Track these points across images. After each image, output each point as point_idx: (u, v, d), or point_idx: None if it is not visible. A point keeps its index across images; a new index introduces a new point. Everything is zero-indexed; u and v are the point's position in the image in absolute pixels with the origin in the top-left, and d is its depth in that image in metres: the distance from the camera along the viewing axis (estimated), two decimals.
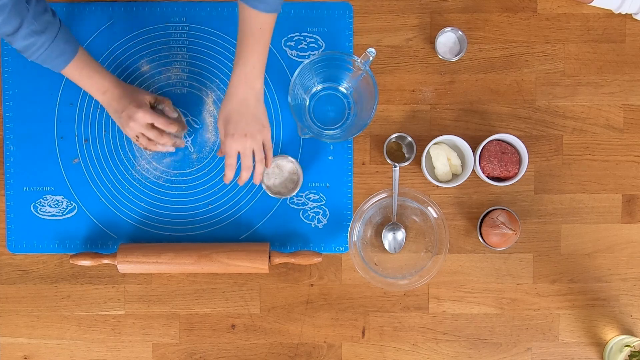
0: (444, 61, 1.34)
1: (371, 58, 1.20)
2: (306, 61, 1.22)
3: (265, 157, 1.22)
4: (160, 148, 1.27)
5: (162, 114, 1.27)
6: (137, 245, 1.30)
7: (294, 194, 1.33)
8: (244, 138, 1.17)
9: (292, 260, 1.29)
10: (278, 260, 1.29)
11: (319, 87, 1.33)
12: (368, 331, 1.35)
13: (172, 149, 1.29)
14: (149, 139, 1.25)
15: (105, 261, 1.29)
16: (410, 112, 1.34)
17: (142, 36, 1.35)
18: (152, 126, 1.24)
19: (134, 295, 1.35)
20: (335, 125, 1.34)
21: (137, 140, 1.25)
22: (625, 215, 1.35)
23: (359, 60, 1.21)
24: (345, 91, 1.33)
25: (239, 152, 1.19)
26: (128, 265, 1.28)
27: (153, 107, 1.27)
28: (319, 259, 1.29)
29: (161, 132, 1.25)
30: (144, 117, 1.22)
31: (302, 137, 1.33)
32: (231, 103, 1.16)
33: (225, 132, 1.18)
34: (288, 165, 1.32)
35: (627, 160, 1.35)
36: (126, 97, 1.23)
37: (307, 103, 1.33)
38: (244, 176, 1.21)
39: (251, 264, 1.27)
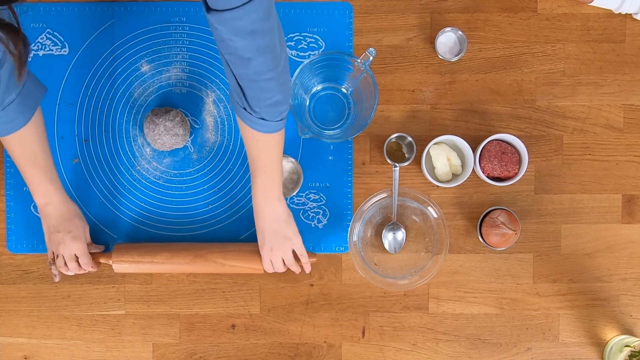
0: (444, 61, 1.34)
1: (371, 58, 1.20)
2: (306, 61, 1.22)
3: (302, 262, 1.26)
4: (66, 273, 1.27)
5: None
6: (133, 245, 1.30)
7: (294, 193, 1.33)
8: (271, 252, 1.23)
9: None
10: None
11: (319, 87, 1.33)
12: (368, 331, 1.35)
13: (71, 274, 1.28)
14: (63, 264, 1.26)
15: (101, 260, 1.29)
16: (410, 112, 1.34)
17: (142, 36, 1.35)
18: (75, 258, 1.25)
19: (134, 295, 1.35)
20: (335, 125, 1.34)
21: (51, 258, 1.26)
22: (625, 215, 1.35)
23: (359, 60, 1.21)
24: (345, 91, 1.33)
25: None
26: (123, 265, 1.28)
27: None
28: (314, 259, 1.29)
29: (79, 267, 1.26)
30: (77, 250, 1.24)
31: (302, 137, 1.33)
32: (258, 221, 1.21)
33: (260, 245, 1.24)
34: (288, 165, 1.32)
35: (627, 160, 1.35)
36: (68, 221, 1.23)
37: (307, 103, 1.33)
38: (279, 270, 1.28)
39: (246, 264, 1.27)
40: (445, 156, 1.31)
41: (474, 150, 1.31)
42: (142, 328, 1.35)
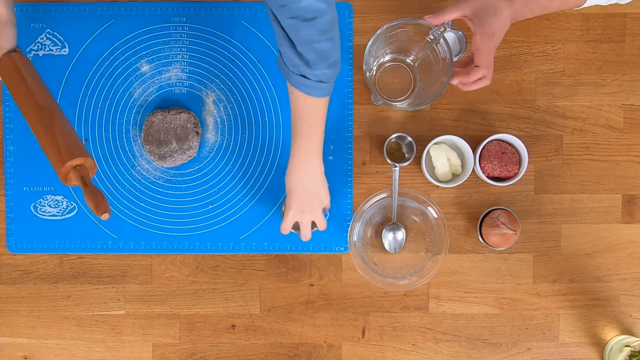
0: None
1: (448, 29, 1.18)
2: (383, 27, 1.19)
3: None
4: None
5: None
6: (28, 64, 1.13)
7: (324, 228, 1.32)
8: (302, 213, 1.22)
9: None
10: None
11: (387, 58, 1.32)
12: (368, 331, 1.35)
13: None
14: None
15: None
16: (410, 112, 1.34)
17: (142, 36, 1.35)
18: None
19: (134, 295, 1.35)
20: (399, 97, 1.33)
21: None
22: (625, 215, 1.35)
23: (435, 29, 1.18)
24: (412, 63, 1.32)
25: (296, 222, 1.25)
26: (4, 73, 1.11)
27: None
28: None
29: None
30: None
31: (375, 104, 1.32)
32: (290, 180, 1.21)
33: (287, 205, 1.23)
34: None
35: (627, 160, 1.35)
36: None
37: (373, 73, 1.32)
38: (304, 238, 1.27)
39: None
40: (445, 156, 1.31)
41: (474, 150, 1.31)
42: (142, 328, 1.35)
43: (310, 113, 1.12)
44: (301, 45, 1.03)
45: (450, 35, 1.32)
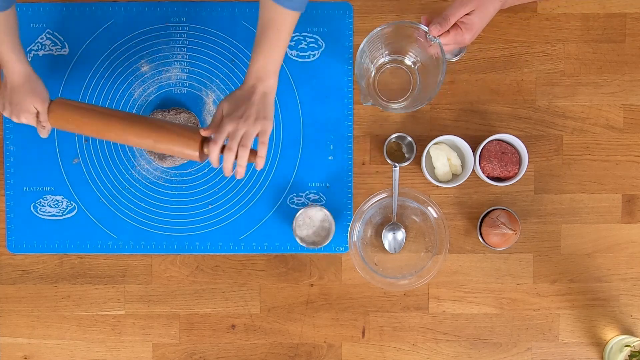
0: None
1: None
2: (378, 29, 1.19)
3: (258, 154, 1.11)
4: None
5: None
6: (71, 103, 1.19)
7: (329, 241, 1.32)
8: (239, 119, 1.09)
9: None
10: (206, 150, 1.14)
11: (386, 59, 1.32)
12: (368, 331, 1.35)
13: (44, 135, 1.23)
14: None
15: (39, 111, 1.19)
16: (410, 112, 1.34)
17: (142, 36, 1.35)
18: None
19: (134, 295, 1.35)
20: (399, 98, 1.33)
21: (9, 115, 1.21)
22: (625, 215, 1.35)
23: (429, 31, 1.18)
24: (411, 64, 1.31)
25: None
26: (58, 115, 1.17)
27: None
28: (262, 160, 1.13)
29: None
30: (24, 123, 1.20)
31: (364, 104, 1.27)
32: (240, 90, 1.12)
33: (225, 113, 1.11)
34: (318, 214, 1.32)
35: (627, 160, 1.35)
36: (19, 94, 1.17)
37: (372, 74, 1.32)
38: (227, 165, 1.10)
39: (181, 148, 1.13)
40: (445, 156, 1.31)
41: (474, 150, 1.31)
42: (142, 328, 1.35)
43: (277, 27, 1.08)
44: None
45: None
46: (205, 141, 1.13)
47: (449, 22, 1.18)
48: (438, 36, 1.18)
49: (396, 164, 1.28)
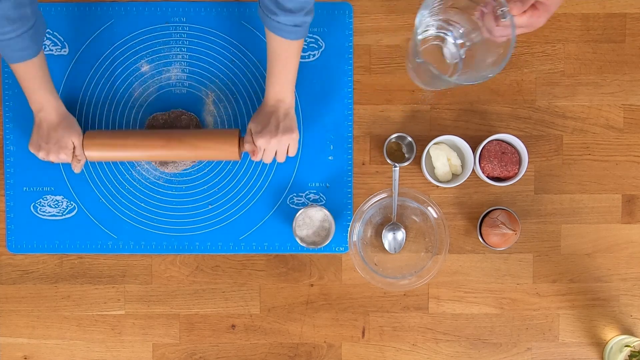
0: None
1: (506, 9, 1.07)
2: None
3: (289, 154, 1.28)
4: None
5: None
6: (103, 131, 1.30)
7: (329, 241, 1.32)
8: (270, 138, 1.23)
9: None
10: (249, 146, 1.27)
11: (432, 32, 1.27)
12: (368, 331, 1.35)
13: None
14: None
15: (75, 146, 1.27)
16: (410, 112, 1.34)
17: (142, 36, 1.35)
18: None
19: (134, 295, 1.35)
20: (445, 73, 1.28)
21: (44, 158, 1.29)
22: (625, 215, 1.35)
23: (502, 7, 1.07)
24: (460, 40, 1.26)
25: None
26: (95, 151, 1.26)
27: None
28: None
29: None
30: (61, 161, 1.28)
31: (416, 60, 1.20)
32: (263, 109, 1.25)
33: (255, 132, 1.24)
34: (318, 214, 1.32)
35: (627, 160, 1.35)
36: (56, 131, 1.25)
37: (419, 44, 1.25)
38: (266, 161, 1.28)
39: (221, 146, 1.26)
40: (445, 156, 1.31)
41: (474, 150, 1.31)
42: (142, 328, 1.35)
43: (285, 56, 1.19)
44: None
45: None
46: (240, 140, 1.28)
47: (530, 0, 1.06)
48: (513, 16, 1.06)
49: (396, 164, 1.28)
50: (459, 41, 1.27)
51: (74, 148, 1.27)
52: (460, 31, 1.25)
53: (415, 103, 1.34)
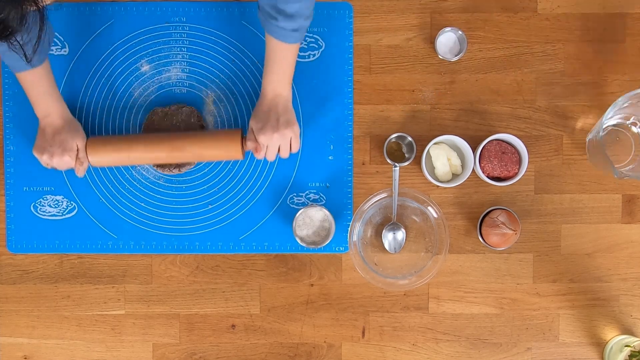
0: (444, 61, 1.34)
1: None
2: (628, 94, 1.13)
3: (292, 149, 1.27)
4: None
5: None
6: (107, 137, 1.29)
7: (329, 241, 1.32)
8: (272, 134, 1.23)
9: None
10: (251, 144, 1.27)
11: (613, 122, 1.26)
12: (368, 331, 1.35)
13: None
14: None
15: (79, 154, 1.27)
16: (410, 112, 1.34)
17: (142, 36, 1.35)
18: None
19: (134, 295, 1.35)
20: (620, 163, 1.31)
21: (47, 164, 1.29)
22: (625, 215, 1.35)
23: None
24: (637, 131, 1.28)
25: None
26: (99, 156, 1.26)
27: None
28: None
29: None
30: (64, 164, 1.27)
31: (588, 160, 1.28)
32: (261, 105, 1.25)
33: (256, 129, 1.24)
34: (318, 214, 1.32)
35: None
36: (60, 135, 1.26)
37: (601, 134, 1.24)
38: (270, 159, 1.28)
39: (224, 151, 1.27)
40: (445, 156, 1.31)
41: (474, 150, 1.31)
42: (142, 328, 1.35)
43: (283, 57, 1.20)
44: (282, 3, 1.11)
45: (450, 35, 1.32)
46: (243, 139, 1.28)
47: None
48: None
49: (396, 164, 1.28)
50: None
51: (78, 151, 1.27)
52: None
53: (415, 103, 1.34)
